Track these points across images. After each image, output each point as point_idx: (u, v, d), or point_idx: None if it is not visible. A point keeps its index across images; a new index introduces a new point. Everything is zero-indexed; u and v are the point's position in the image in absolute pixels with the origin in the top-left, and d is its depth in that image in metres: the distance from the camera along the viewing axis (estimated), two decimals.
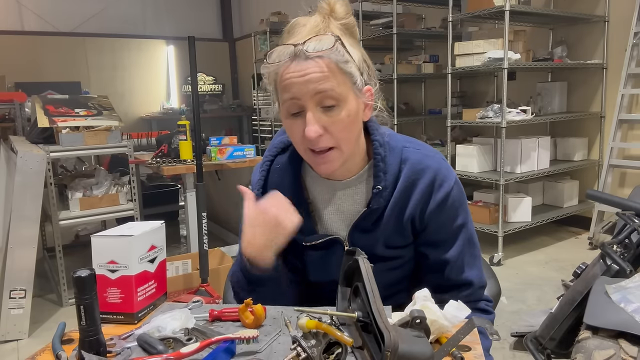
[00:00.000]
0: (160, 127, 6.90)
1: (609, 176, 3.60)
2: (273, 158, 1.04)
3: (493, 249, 3.33)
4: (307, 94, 0.85)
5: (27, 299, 2.52)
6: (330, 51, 0.84)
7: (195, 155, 2.64)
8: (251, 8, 8.15)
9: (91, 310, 0.77)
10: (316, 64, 0.84)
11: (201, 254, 2.64)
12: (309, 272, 1.06)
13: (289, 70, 0.85)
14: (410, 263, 1.04)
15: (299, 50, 0.84)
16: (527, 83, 4.17)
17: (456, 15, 3.62)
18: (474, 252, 1.01)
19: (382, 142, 0.96)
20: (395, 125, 4.27)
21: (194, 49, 2.44)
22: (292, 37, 0.89)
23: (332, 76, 0.85)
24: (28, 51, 6.78)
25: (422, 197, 0.95)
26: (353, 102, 0.88)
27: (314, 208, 1.02)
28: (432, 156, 0.98)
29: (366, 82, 0.92)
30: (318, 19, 0.90)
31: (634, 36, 3.43)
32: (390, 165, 0.95)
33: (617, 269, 1.62)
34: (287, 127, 0.91)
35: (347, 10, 0.91)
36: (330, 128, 0.87)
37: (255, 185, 1.04)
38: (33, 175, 2.57)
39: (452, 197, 0.96)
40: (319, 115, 0.86)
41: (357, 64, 0.89)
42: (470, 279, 1.00)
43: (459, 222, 0.98)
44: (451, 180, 0.97)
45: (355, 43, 0.92)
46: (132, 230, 0.94)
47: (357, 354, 0.75)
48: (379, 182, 0.94)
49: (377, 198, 0.95)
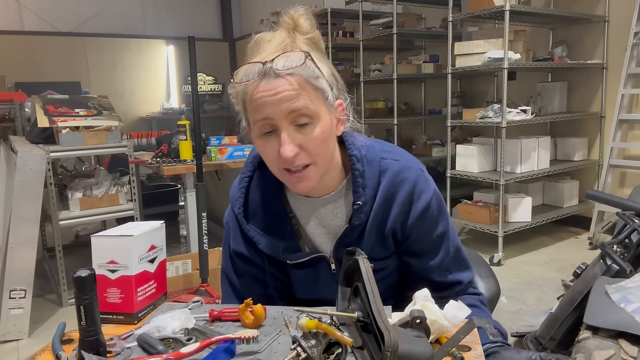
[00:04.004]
0: (160, 127, 6.89)
1: (609, 176, 3.59)
2: (251, 174, 1.02)
3: (493, 249, 3.33)
4: (280, 113, 0.82)
5: (27, 299, 2.52)
6: (300, 68, 0.82)
7: (195, 155, 2.64)
8: (251, 8, 8.15)
9: (91, 310, 0.77)
10: (287, 82, 0.81)
11: (201, 254, 2.64)
12: (296, 291, 1.05)
13: (258, 89, 0.82)
14: (395, 273, 1.05)
15: (268, 68, 0.81)
16: (527, 83, 4.17)
17: (456, 15, 3.62)
18: (459, 256, 1.02)
19: (359, 157, 0.94)
20: (395, 125, 4.27)
21: (194, 49, 2.44)
22: (258, 54, 0.86)
23: (305, 93, 0.82)
24: (28, 51, 6.78)
25: (402, 209, 0.95)
26: (327, 118, 0.87)
27: (296, 222, 1.01)
28: (410, 167, 0.97)
29: (337, 96, 0.90)
30: (283, 34, 0.87)
31: (634, 36, 3.42)
32: (368, 180, 0.94)
33: (617, 269, 1.62)
34: (260, 147, 0.89)
35: (312, 24, 0.89)
36: (306, 145, 0.85)
37: (236, 203, 1.01)
38: (33, 175, 2.56)
39: (432, 207, 0.96)
40: (293, 134, 0.84)
41: (327, 78, 0.87)
42: (458, 278, 1.01)
43: (440, 231, 0.99)
44: (429, 191, 0.96)
45: (322, 57, 0.90)
46: (132, 230, 0.94)
47: (357, 354, 0.75)
48: (359, 197, 0.93)
49: (358, 214, 0.94)
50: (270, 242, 0.98)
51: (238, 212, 1.00)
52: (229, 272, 1.08)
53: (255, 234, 0.99)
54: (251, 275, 1.05)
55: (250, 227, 0.99)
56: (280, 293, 1.06)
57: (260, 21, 6.56)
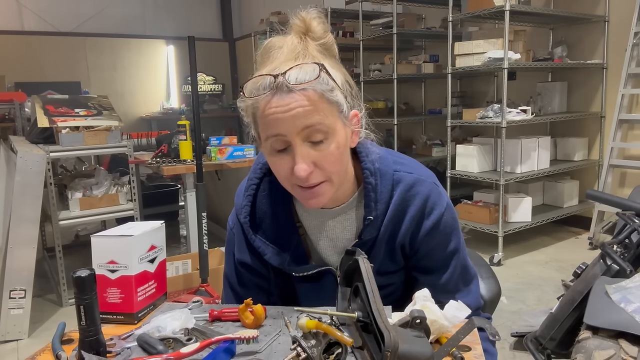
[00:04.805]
0: (160, 127, 6.89)
1: (609, 176, 3.59)
2: (259, 181, 0.97)
3: (493, 249, 3.33)
4: (293, 130, 0.78)
5: (27, 299, 2.52)
6: (315, 82, 0.77)
7: (195, 155, 2.64)
8: (251, 8, 8.15)
9: (91, 310, 0.77)
10: (301, 97, 0.77)
11: (201, 254, 2.64)
12: (301, 302, 1.03)
13: (270, 105, 0.78)
14: (401, 288, 1.03)
15: (280, 82, 0.77)
16: (527, 83, 4.17)
17: (456, 15, 3.62)
18: (467, 278, 0.98)
19: (372, 170, 0.91)
20: (395, 125, 4.27)
21: (194, 49, 2.44)
22: (268, 63, 0.82)
23: (319, 108, 0.78)
24: (28, 51, 6.78)
25: (413, 224, 0.92)
26: (342, 132, 0.82)
27: (304, 232, 0.98)
28: (424, 180, 0.93)
29: (351, 106, 0.85)
30: (295, 40, 0.82)
31: (634, 36, 3.42)
32: (381, 194, 0.91)
33: (617, 269, 1.62)
34: (272, 164, 0.85)
35: (325, 28, 0.84)
36: (320, 163, 0.81)
37: (242, 211, 0.97)
38: (33, 175, 2.57)
39: (443, 223, 0.93)
40: (307, 151, 0.80)
41: (341, 87, 0.83)
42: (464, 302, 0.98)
43: (451, 248, 0.95)
44: (442, 205, 0.93)
45: (336, 64, 0.85)
46: (132, 230, 0.94)
47: (357, 354, 0.75)
48: (370, 212, 0.90)
49: (369, 229, 0.91)
50: (276, 253, 0.96)
51: (244, 222, 0.97)
52: (232, 280, 1.05)
53: (261, 244, 0.96)
54: (255, 284, 1.03)
55: (257, 238, 0.96)
56: (285, 303, 1.04)
57: (260, 21, 6.55)
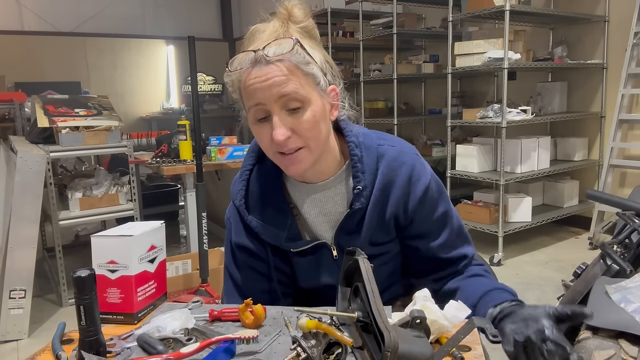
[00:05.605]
0: (160, 127, 6.89)
1: (609, 176, 3.59)
2: (252, 167, 1.04)
3: (493, 249, 3.33)
4: (271, 98, 0.85)
5: (27, 299, 2.52)
6: (290, 54, 0.85)
7: (195, 155, 2.64)
8: (251, 8, 8.15)
9: (91, 310, 0.77)
10: (277, 68, 0.85)
11: (201, 254, 2.64)
12: (299, 279, 1.07)
13: (250, 76, 0.86)
14: (399, 256, 1.08)
15: (259, 55, 0.85)
16: (527, 83, 4.17)
17: (456, 15, 3.62)
18: (461, 231, 1.06)
19: (357, 143, 0.98)
20: (395, 125, 4.27)
21: (194, 49, 2.44)
22: (252, 44, 0.89)
23: (294, 78, 0.86)
24: (28, 51, 6.78)
25: (402, 193, 0.98)
26: (318, 102, 0.89)
27: (297, 212, 1.03)
28: (407, 152, 1.01)
29: (330, 82, 0.93)
30: (277, 24, 0.91)
31: (634, 36, 3.42)
32: (367, 165, 0.97)
33: (617, 269, 1.62)
34: (256, 132, 0.92)
35: (305, 13, 0.92)
36: (297, 129, 0.88)
37: (237, 196, 1.03)
38: (33, 175, 2.57)
39: (431, 189, 1.00)
40: (285, 118, 0.87)
41: (319, 64, 0.90)
42: (463, 252, 1.04)
43: (442, 210, 1.02)
44: (427, 174, 1.00)
45: (316, 45, 0.93)
46: (132, 230, 0.94)
47: (357, 354, 0.75)
48: (359, 182, 0.96)
49: (359, 198, 0.96)
50: (272, 232, 1.00)
51: (239, 204, 1.01)
52: (230, 266, 1.09)
53: (257, 224, 1.00)
54: (253, 268, 1.05)
55: (252, 218, 1.01)
56: (284, 287, 1.07)
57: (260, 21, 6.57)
